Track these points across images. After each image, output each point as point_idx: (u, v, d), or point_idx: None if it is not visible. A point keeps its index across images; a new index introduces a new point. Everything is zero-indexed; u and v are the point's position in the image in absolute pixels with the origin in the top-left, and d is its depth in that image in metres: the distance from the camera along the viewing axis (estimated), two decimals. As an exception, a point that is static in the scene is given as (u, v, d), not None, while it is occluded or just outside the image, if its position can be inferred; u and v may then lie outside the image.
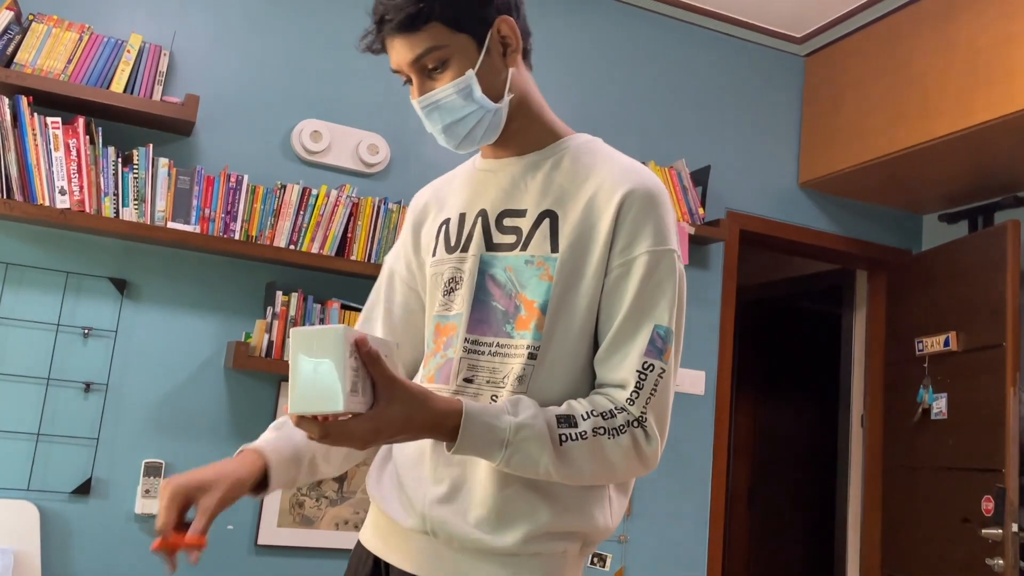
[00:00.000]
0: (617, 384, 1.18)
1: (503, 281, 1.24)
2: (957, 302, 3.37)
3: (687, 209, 3.28)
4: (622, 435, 1.14)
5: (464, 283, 1.27)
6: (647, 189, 1.22)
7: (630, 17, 3.52)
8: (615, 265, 1.20)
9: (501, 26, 1.24)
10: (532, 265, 1.22)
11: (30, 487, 2.53)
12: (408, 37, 1.20)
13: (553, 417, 1.13)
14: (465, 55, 1.22)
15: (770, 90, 3.73)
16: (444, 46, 1.20)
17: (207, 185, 2.66)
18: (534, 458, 1.11)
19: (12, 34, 2.50)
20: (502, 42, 1.25)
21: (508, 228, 1.27)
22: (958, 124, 2.99)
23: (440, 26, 1.19)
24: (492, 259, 1.26)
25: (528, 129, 1.31)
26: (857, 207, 3.82)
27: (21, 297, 2.58)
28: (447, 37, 1.20)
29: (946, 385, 3.37)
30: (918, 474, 3.48)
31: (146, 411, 2.67)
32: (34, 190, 2.46)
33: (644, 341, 1.17)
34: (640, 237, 1.20)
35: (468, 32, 1.21)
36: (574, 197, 1.24)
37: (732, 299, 3.52)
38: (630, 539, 3.22)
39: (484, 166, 1.35)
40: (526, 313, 1.21)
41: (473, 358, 1.24)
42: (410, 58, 1.21)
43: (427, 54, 1.20)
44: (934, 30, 3.16)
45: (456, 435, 1.09)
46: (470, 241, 1.29)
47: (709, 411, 3.42)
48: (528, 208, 1.26)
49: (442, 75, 1.22)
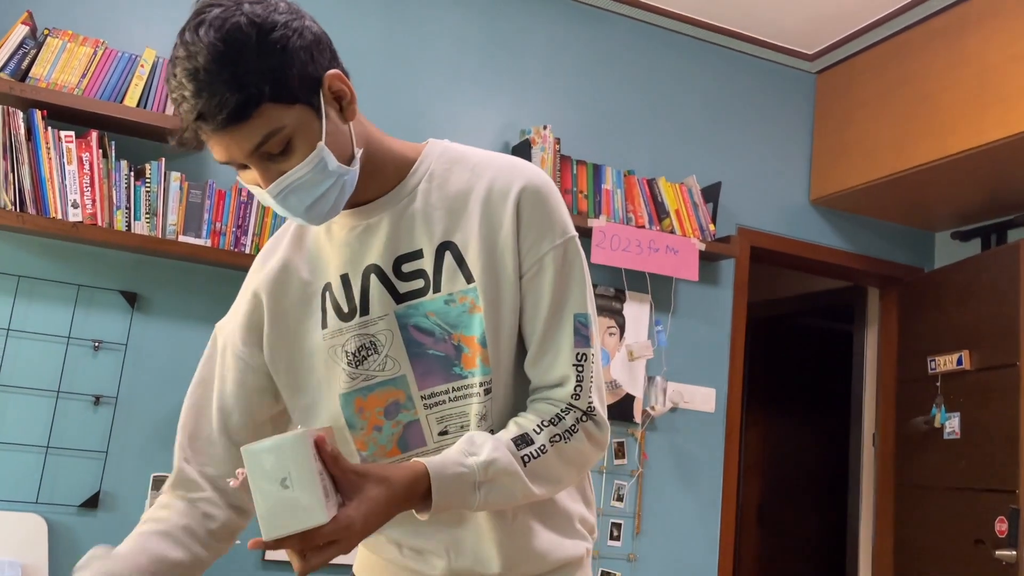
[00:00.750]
0: (555, 384, 1.17)
1: (430, 328, 1.17)
2: (970, 320, 3.35)
3: (697, 225, 3.28)
4: (575, 434, 1.15)
5: (386, 345, 1.18)
6: (535, 184, 1.18)
7: (641, 34, 3.53)
8: (526, 267, 1.17)
9: (331, 82, 1.09)
10: (454, 303, 1.16)
11: (39, 500, 2.53)
12: (239, 129, 1.02)
13: (510, 441, 1.12)
14: (307, 127, 1.06)
15: (781, 107, 3.73)
16: (282, 127, 1.04)
17: (218, 199, 2.67)
18: (508, 490, 1.10)
19: (27, 49, 2.52)
20: (336, 99, 1.11)
21: (409, 274, 1.18)
22: (970, 142, 2.98)
23: (272, 106, 1.02)
24: (408, 310, 1.18)
25: (382, 169, 1.19)
26: (869, 224, 3.81)
27: (33, 309, 2.59)
28: (283, 116, 1.04)
29: (959, 404, 3.34)
30: (930, 494, 3.45)
31: (155, 424, 2.67)
32: (47, 203, 2.47)
33: (570, 334, 1.16)
34: (543, 234, 1.17)
35: (302, 102, 1.05)
36: (465, 219, 1.17)
37: (743, 316, 3.51)
38: (639, 557, 3.19)
39: (349, 223, 1.20)
40: (469, 350, 1.16)
41: (438, 411, 1.19)
42: (248, 149, 1.05)
43: (266, 141, 1.04)
44: (946, 47, 3.15)
45: (427, 497, 1.05)
46: (368, 303, 1.18)
47: (719, 429, 3.40)
48: (423, 247, 1.18)
49: (288, 156, 1.06)
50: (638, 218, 3.21)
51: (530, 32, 3.36)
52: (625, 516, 3.20)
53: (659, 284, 3.32)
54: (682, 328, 3.38)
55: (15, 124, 2.45)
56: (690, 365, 3.37)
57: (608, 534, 3.17)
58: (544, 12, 3.39)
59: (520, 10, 3.34)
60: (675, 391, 3.29)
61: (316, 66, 1.07)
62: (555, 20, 3.40)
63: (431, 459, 1.07)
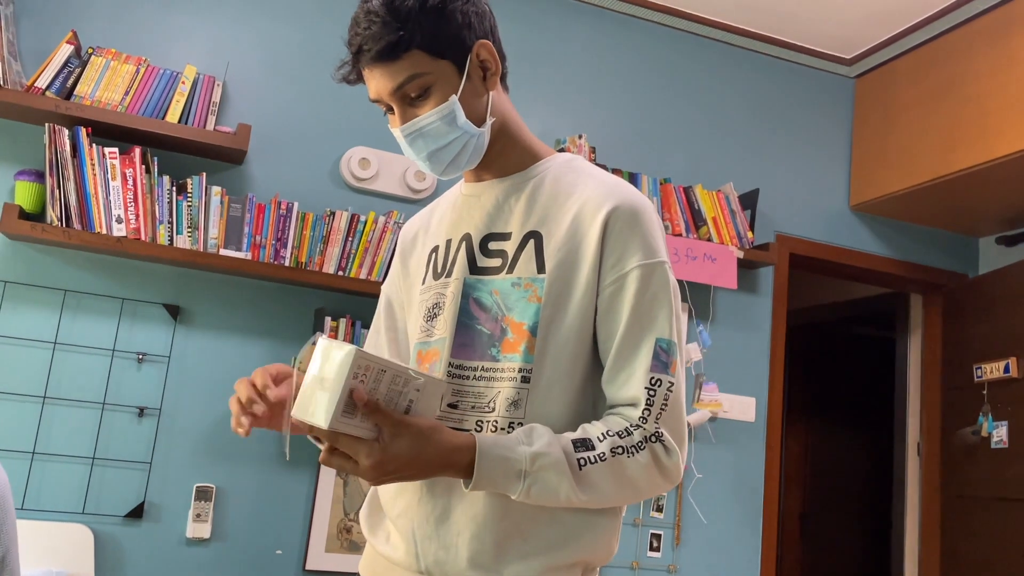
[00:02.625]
0: (628, 402, 1.16)
1: (489, 305, 1.23)
2: (1017, 327, 3.28)
3: (735, 232, 3.25)
4: (641, 451, 1.13)
5: (446, 307, 1.26)
6: (631, 205, 1.20)
7: (677, 41, 3.51)
8: (607, 283, 1.18)
9: (480, 51, 1.23)
10: (519, 287, 1.21)
11: (85, 511, 2.57)
12: (388, 66, 1.19)
13: (569, 442, 1.12)
14: (447, 81, 1.21)
15: (820, 112, 3.69)
16: (425, 73, 1.19)
17: (258, 212, 2.70)
18: (553, 486, 1.10)
19: (72, 67, 2.57)
20: (481, 66, 1.24)
21: (493, 252, 1.26)
22: (1017, 145, 2.92)
23: (420, 53, 1.18)
24: (477, 283, 1.25)
25: (509, 151, 1.30)
26: (910, 230, 3.75)
27: (78, 323, 2.64)
28: (428, 64, 1.19)
29: (1006, 413, 3.27)
30: (978, 504, 3.37)
31: (198, 436, 2.70)
32: (92, 218, 2.52)
33: (648, 357, 1.15)
34: (629, 252, 1.18)
35: (448, 58, 1.20)
36: (558, 217, 1.23)
37: (782, 324, 3.47)
38: (680, 568, 3.16)
39: (468, 191, 1.34)
40: (514, 336, 1.19)
41: (457, 383, 1.22)
42: (391, 87, 1.20)
43: (408, 82, 1.19)
44: (991, 47, 3.10)
45: (470, 471, 1.08)
46: (454, 266, 1.28)
47: (760, 438, 3.36)
48: (513, 231, 1.25)
49: (424, 102, 1.21)
50: (675, 226, 3.19)
51: (566, 41, 3.36)
52: (665, 527, 3.17)
53: (697, 292, 3.30)
54: (721, 337, 3.34)
55: (61, 141, 2.50)
56: (729, 374, 3.34)
57: (648, 545, 3.14)
58: (579, 21, 3.39)
59: (556, 19, 3.34)
60: (714, 400, 3.26)
61: (471, 33, 1.22)
62: (590, 29, 3.40)
63: (484, 436, 1.11)
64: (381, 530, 1.30)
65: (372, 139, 3.01)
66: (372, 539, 1.31)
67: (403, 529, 1.23)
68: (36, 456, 2.55)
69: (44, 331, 2.61)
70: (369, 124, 3.02)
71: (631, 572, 3.10)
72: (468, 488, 1.09)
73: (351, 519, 2.79)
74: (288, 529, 2.75)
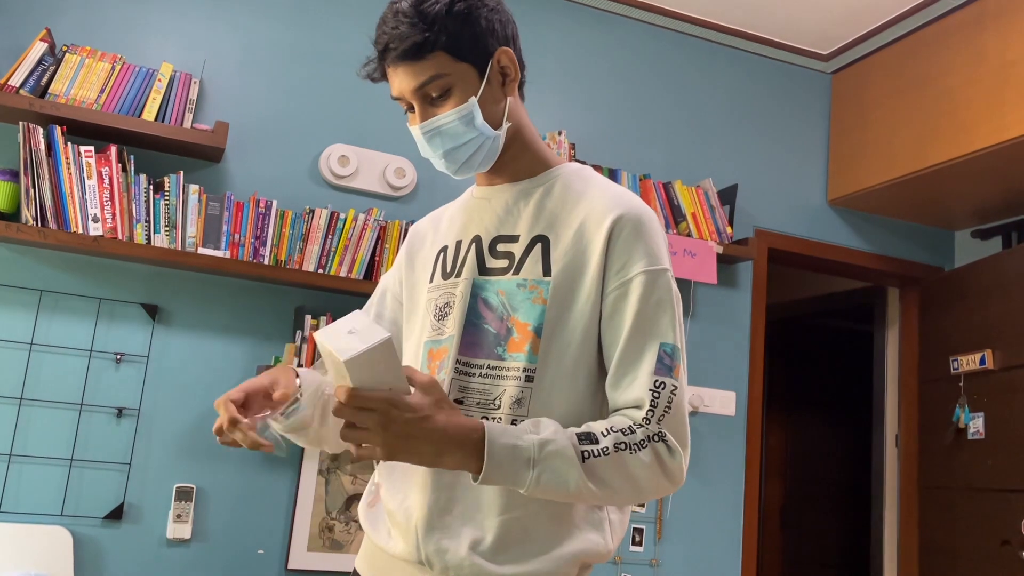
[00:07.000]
0: (631, 404, 1.17)
1: (495, 304, 1.26)
2: (993, 319, 3.32)
3: (715, 228, 3.26)
4: (643, 449, 1.14)
5: (455, 306, 1.29)
6: (636, 214, 1.24)
7: (655, 37, 3.53)
8: (612, 288, 1.21)
9: (501, 57, 1.28)
10: (524, 288, 1.24)
11: (63, 512, 2.55)
12: (412, 65, 1.23)
13: (573, 434, 1.13)
14: (467, 83, 1.25)
15: (797, 108, 3.71)
16: (447, 74, 1.24)
17: (237, 211, 2.69)
18: (563, 475, 1.10)
19: (46, 65, 2.54)
20: (501, 72, 1.29)
21: (501, 253, 1.29)
22: (990, 139, 2.95)
23: (444, 55, 1.23)
24: (484, 283, 1.28)
25: (521, 157, 1.34)
26: (887, 224, 3.78)
27: (55, 323, 2.62)
28: (450, 66, 1.23)
29: (983, 404, 3.31)
30: (955, 495, 3.41)
31: (177, 436, 2.69)
32: (68, 218, 2.49)
33: (652, 360, 1.17)
34: (633, 259, 1.21)
35: (470, 62, 1.25)
36: (565, 222, 1.27)
37: (762, 318, 3.49)
38: (661, 562, 3.18)
39: (479, 194, 1.38)
40: (519, 336, 1.22)
41: (464, 380, 1.24)
42: (414, 86, 1.25)
43: (431, 82, 1.24)
44: (963, 43, 3.13)
45: (479, 458, 1.08)
46: (463, 266, 1.31)
47: (740, 432, 3.38)
48: (521, 234, 1.29)
49: (444, 102, 1.25)
50: (655, 222, 3.20)
51: (544, 38, 3.36)
52: (647, 521, 3.19)
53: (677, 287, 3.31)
54: (701, 331, 3.36)
55: (35, 140, 2.47)
56: (709, 368, 3.36)
57: (630, 539, 3.16)
58: (557, 17, 3.39)
59: (534, 15, 3.34)
60: (695, 395, 3.28)
61: (494, 39, 1.27)
62: (569, 25, 3.41)
63: (492, 424, 1.11)
64: (382, 524, 1.30)
65: (351, 136, 3.00)
66: (373, 534, 1.31)
67: (404, 521, 1.24)
68: (13, 458, 2.53)
69: (20, 332, 2.58)
70: (348, 121, 3.01)
71: (613, 567, 3.11)
72: (478, 481, 1.09)
73: (333, 518, 2.78)
74: (270, 528, 2.74)
